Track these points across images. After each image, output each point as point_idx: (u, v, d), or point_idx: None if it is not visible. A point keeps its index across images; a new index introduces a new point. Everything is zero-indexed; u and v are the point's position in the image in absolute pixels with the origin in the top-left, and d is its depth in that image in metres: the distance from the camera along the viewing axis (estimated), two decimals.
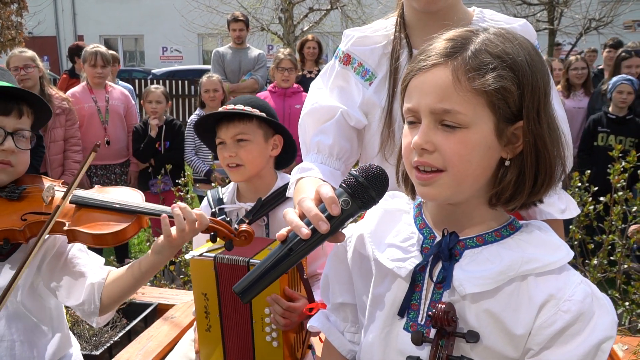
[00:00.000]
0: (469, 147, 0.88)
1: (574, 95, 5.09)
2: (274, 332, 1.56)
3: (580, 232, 2.94)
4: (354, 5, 12.66)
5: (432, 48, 0.92)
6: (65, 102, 4.00)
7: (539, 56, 0.93)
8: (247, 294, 0.95)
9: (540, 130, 0.89)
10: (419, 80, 0.92)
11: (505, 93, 0.87)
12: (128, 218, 1.46)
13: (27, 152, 1.49)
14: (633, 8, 11.78)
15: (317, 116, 1.40)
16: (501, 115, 0.88)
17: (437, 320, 0.88)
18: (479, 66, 0.87)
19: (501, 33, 0.92)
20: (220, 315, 1.60)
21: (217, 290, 1.59)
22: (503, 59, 0.88)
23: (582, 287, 0.90)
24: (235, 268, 1.55)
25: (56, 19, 23.13)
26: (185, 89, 12.07)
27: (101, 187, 1.61)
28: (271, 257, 0.94)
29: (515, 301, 0.90)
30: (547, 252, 0.92)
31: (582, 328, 0.88)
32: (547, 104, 0.91)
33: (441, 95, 0.88)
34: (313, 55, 5.75)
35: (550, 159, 0.91)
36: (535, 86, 0.89)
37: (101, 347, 2.28)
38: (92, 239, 1.43)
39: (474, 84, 0.86)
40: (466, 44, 0.90)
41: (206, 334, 1.66)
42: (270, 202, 1.76)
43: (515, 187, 0.91)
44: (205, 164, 4.35)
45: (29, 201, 1.48)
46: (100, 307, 1.47)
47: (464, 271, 0.92)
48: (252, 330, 1.57)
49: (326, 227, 0.91)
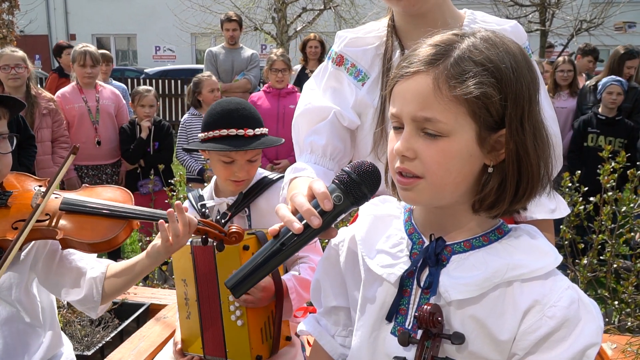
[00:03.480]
0: (449, 156, 0.88)
1: (558, 96, 5.13)
2: (237, 311, 1.58)
3: (571, 231, 2.97)
4: (347, 6, 12.67)
5: (415, 54, 0.92)
6: (52, 103, 3.98)
7: (527, 62, 0.91)
8: (238, 288, 0.95)
9: (524, 138, 0.88)
10: (402, 87, 0.91)
11: (486, 100, 0.86)
12: (119, 223, 1.45)
13: (9, 154, 1.46)
14: (623, 10, 11.87)
15: (310, 117, 1.41)
16: (483, 124, 0.87)
17: (422, 321, 0.88)
18: (460, 74, 0.86)
19: (488, 38, 0.90)
20: (198, 301, 1.64)
21: (194, 274, 1.63)
22: (485, 66, 0.86)
23: (568, 292, 0.89)
24: (204, 249, 1.59)
25: (48, 18, 22.94)
26: (178, 89, 12.03)
27: (89, 187, 1.59)
28: (263, 252, 0.94)
29: (501, 307, 0.90)
30: (534, 258, 0.92)
31: (567, 334, 0.87)
32: (532, 112, 0.90)
33: (422, 104, 0.87)
34: (316, 55, 5.74)
35: (533, 167, 0.89)
36: (519, 94, 0.87)
37: (93, 347, 2.27)
38: (87, 247, 1.43)
39: (454, 92, 0.86)
40: (449, 51, 0.89)
41: (187, 322, 1.69)
42: (251, 193, 1.81)
43: (497, 194, 0.90)
44: (197, 162, 4.34)
45: (17, 207, 1.46)
46: (101, 299, 1.50)
47: (450, 277, 0.92)
48: (221, 312, 1.60)
49: (318, 222, 0.92)
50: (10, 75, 3.76)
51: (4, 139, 1.44)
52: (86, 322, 2.49)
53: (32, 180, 1.56)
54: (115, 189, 1.59)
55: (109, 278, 1.50)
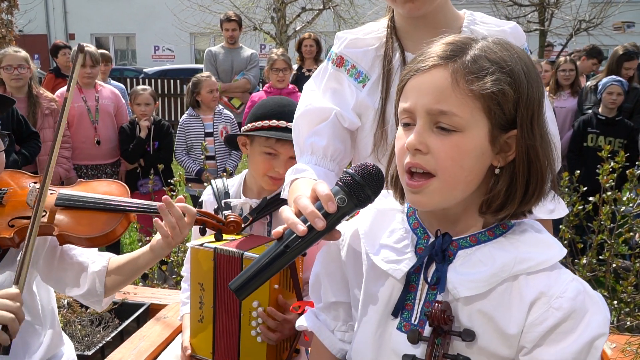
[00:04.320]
0: (463, 152, 0.88)
1: (559, 96, 5.15)
2: (259, 328, 1.57)
3: (570, 231, 2.97)
4: (347, 5, 12.67)
5: (431, 50, 0.93)
6: (54, 103, 3.98)
7: (534, 68, 0.94)
8: (242, 291, 0.95)
9: (533, 140, 0.89)
10: (417, 80, 0.92)
11: (502, 98, 0.87)
12: (116, 217, 1.45)
13: (2, 153, 1.46)
14: (622, 10, 11.88)
15: (310, 118, 1.41)
16: (496, 122, 0.89)
17: (434, 319, 0.88)
18: (478, 70, 0.88)
19: (500, 42, 0.93)
20: (213, 307, 1.62)
21: (214, 281, 1.60)
22: (501, 65, 0.88)
23: (574, 284, 0.90)
24: (230, 260, 1.57)
25: (47, 17, 22.93)
26: (177, 88, 12.02)
27: (84, 182, 1.58)
28: (267, 255, 0.94)
29: (508, 300, 0.91)
30: (540, 250, 0.92)
31: (575, 325, 0.88)
32: (541, 115, 0.92)
33: (439, 96, 0.88)
34: (311, 53, 5.73)
35: (542, 169, 0.91)
36: (531, 96, 0.90)
37: (93, 347, 2.27)
38: (85, 241, 1.43)
39: (472, 87, 0.87)
40: (466, 49, 0.90)
41: (198, 325, 1.68)
42: (275, 201, 1.77)
43: (506, 195, 0.91)
44: (196, 163, 4.34)
45: (13, 205, 1.46)
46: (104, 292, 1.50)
47: (458, 273, 0.93)
48: (240, 324, 1.59)
49: (322, 224, 0.92)
50: (13, 75, 3.76)
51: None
52: (86, 322, 2.49)
53: (26, 178, 1.56)
54: (110, 183, 1.59)
55: (111, 271, 1.50)
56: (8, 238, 1.39)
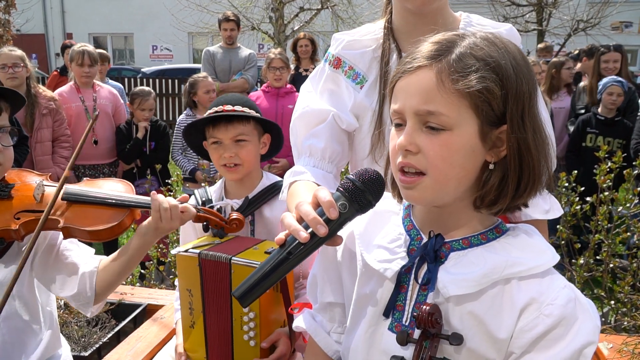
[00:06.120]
0: (452, 150, 0.89)
1: (557, 96, 5.15)
2: (251, 332, 1.57)
3: (567, 231, 2.98)
4: (345, 5, 12.67)
5: (418, 51, 0.93)
6: (52, 103, 3.96)
7: (525, 61, 0.93)
8: (246, 298, 0.95)
9: (525, 134, 0.89)
10: (405, 82, 0.93)
11: (488, 95, 0.87)
12: (121, 212, 1.47)
13: (11, 147, 1.49)
14: (620, 10, 11.91)
15: (308, 119, 1.41)
16: (485, 118, 0.89)
17: (421, 321, 0.88)
18: (462, 68, 0.88)
19: (488, 37, 0.93)
20: (203, 312, 1.62)
21: (201, 287, 1.60)
22: (487, 61, 0.88)
23: (565, 291, 0.90)
24: (217, 265, 1.56)
25: (45, 17, 22.88)
26: (175, 88, 12.02)
27: (90, 180, 1.61)
28: (270, 261, 0.95)
29: (499, 304, 0.91)
30: (532, 255, 0.92)
31: (564, 333, 0.88)
32: (532, 109, 0.92)
33: (425, 97, 0.89)
34: (307, 53, 5.73)
35: (534, 163, 0.91)
36: (520, 90, 0.89)
37: (90, 348, 2.27)
38: (88, 235, 1.45)
39: (457, 86, 0.87)
40: (451, 47, 0.90)
41: (190, 330, 1.68)
42: (257, 200, 1.80)
43: (498, 190, 0.91)
44: (190, 162, 4.33)
45: (20, 199, 1.48)
46: (95, 295, 1.50)
47: (449, 273, 0.93)
48: (232, 328, 1.58)
49: (324, 231, 0.92)
50: (8, 74, 3.75)
51: (5, 133, 1.46)
52: (83, 322, 2.48)
53: (33, 175, 1.59)
54: (116, 181, 1.62)
55: (102, 269, 1.51)
56: (14, 230, 1.41)
